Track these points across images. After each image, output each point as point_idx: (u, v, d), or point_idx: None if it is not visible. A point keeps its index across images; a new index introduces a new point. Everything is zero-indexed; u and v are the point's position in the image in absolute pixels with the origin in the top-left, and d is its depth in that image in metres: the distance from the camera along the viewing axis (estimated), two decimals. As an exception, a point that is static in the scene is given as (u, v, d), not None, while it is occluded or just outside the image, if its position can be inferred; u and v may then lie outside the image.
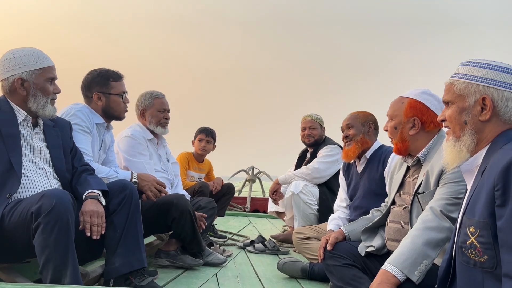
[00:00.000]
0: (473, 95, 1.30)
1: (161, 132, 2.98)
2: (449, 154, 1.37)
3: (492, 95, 1.27)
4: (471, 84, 1.31)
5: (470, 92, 1.31)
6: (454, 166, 1.38)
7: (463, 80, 1.33)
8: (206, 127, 4.15)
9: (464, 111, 1.32)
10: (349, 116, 2.81)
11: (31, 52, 1.90)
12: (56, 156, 1.95)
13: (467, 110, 1.32)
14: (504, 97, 1.26)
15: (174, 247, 2.71)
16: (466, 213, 1.25)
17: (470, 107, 1.31)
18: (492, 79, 1.28)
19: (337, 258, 1.98)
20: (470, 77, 1.31)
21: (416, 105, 1.83)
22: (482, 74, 1.30)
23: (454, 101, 1.35)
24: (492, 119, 1.28)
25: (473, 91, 1.30)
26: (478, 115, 1.30)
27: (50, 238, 1.54)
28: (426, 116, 1.81)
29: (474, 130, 1.31)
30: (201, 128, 4.13)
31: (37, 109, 1.89)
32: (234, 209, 5.76)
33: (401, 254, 1.53)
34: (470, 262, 1.20)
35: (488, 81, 1.28)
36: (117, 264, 1.93)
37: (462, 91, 1.32)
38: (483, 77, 1.29)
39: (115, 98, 2.46)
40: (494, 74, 1.28)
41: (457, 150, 1.34)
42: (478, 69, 1.31)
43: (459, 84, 1.33)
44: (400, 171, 1.95)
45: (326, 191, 3.54)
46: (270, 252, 3.29)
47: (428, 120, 1.80)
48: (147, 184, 2.43)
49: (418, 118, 1.82)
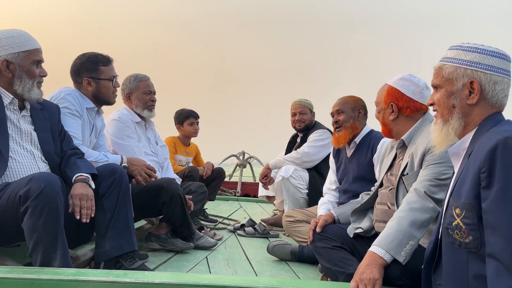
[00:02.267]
0: (461, 79, 1.31)
1: (148, 116, 2.96)
2: (437, 137, 1.39)
3: (480, 78, 1.28)
4: (459, 68, 1.31)
5: (458, 76, 1.32)
6: (442, 149, 1.39)
7: (451, 64, 1.34)
8: (188, 109, 4.18)
9: (452, 95, 1.33)
10: (339, 101, 2.81)
11: (16, 34, 1.86)
12: (44, 139, 1.93)
13: (455, 93, 1.33)
14: (491, 81, 1.27)
15: (164, 231, 2.72)
16: (452, 195, 1.28)
17: (458, 90, 1.32)
18: (480, 62, 1.29)
19: (326, 240, 2.01)
20: (459, 61, 1.32)
21: (392, 92, 1.89)
22: (470, 58, 1.30)
23: (443, 85, 1.36)
24: (479, 103, 1.30)
25: (461, 75, 1.31)
26: (466, 99, 1.31)
27: (38, 222, 1.53)
28: (402, 102, 1.86)
29: (462, 114, 1.32)
30: (187, 112, 4.14)
31: (23, 92, 1.86)
32: (225, 193, 5.78)
33: (387, 235, 1.56)
34: (455, 243, 1.23)
35: (476, 65, 1.29)
36: (107, 247, 1.94)
37: (450, 75, 1.33)
38: (471, 61, 1.30)
39: (105, 83, 2.43)
40: (482, 58, 1.29)
41: (445, 133, 1.36)
42: (466, 53, 1.31)
43: (448, 68, 1.34)
44: (391, 154, 1.98)
45: (315, 175, 3.56)
46: (260, 236, 3.32)
47: (405, 106, 1.86)
48: (137, 169, 2.43)
49: (394, 103, 1.88)
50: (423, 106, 1.84)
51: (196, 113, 4.17)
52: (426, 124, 1.82)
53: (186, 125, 4.10)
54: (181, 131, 4.16)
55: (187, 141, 4.22)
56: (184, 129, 4.13)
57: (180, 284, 1.43)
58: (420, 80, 1.88)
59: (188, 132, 4.14)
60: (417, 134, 1.82)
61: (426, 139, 1.72)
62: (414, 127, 1.84)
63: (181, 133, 4.18)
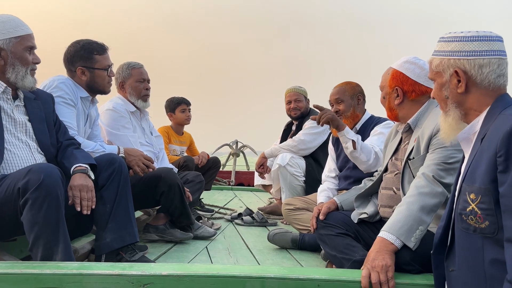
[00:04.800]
0: (447, 70, 1.32)
1: (142, 106, 2.89)
2: (444, 129, 1.40)
3: (464, 66, 1.29)
4: (443, 59, 1.33)
5: (444, 68, 1.33)
6: (452, 138, 1.39)
7: (437, 56, 1.36)
8: (179, 97, 4.13)
9: (443, 87, 1.35)
10: (336, 90, 2.77)
11: (7, 19, 1.78)
12: (39, 130, 1.86)
13: (445, 85, 1.34)
14: (476, 66, 1.27)
15: (162, 222, 2.67)
16: (465, 180, 1.26)
17: (448, 82, 1.33)
18: (461, 50, 1.29)
19: (330, 227, 1.99)
20: (443, 53, 1.34)
21: (397, 75, 1.86)
22: (451, 47, 1.31)
23: (434, 78, 1.39)
24: (471, 89, 1.30)
25: (447, 66, 1.32)
26: (456, 88, 1.32)
27: (39, 214, 1.48)
28: (407, 86, 1.83)
29: (456, 104, 1.33)
30: (178, 99, 4.09)
31: (16, 80, 1.79)
32: (219, 183, 5.75)
33: (397, 221, 1.54)
34: (470, 229, 1.21)
35: (457, 53, 1.30)
36: (108, 239, 1.89)
37: (437, 68, 1.35)
38: (452, 51, 1.31)
39: (99, 72, 2.35)
40: (462, 45, 1.29)
41: (449, 124, 1.37)
42: (448, 43, 1.33)
43: (435, 61, 1.36)
44: (395, 139, 1.96)
45: (312, 162, 3.55)
46: (258, 224, 3.30)
47: (410, 89, 1.83)
48: (134, 159, 2.37)
49: (399, 87, 1.85)
50: (428, 90, 1.82)
51: (187, 99, 4.12)
52: (432, 107, 1.80)
53: (178, 112, 4.05)
54: (173, 119, 4.11)
55: (180, 130, 4.18)
56: (176, 117, 4.08)
57: (187, 275, 1.40)
58: (426, 63, 1.85)
59: (180, 120, 4.08)
60: (423, 118, 1.80)
61: (432, 123, 1.70)
62: (420, 110, 1.82)
63: (173, 121, 4.13)
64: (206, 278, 1.40)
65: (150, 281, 1.38)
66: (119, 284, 1.37)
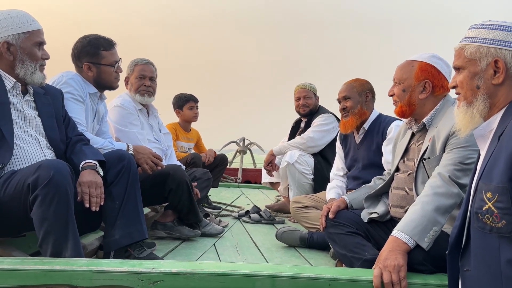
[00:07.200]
0: (485, 58, 1.26)
1: (140, 100, 2.85)
2: (461, 120, 1.33)
3: (505, 56, 1.23)
4: (482, 47, 1.26)
5: (481, 56, 1.26)
6: (467, 132, 1.34)
7: (473, 43, 1.28)
8: (187, 94, 4.14)
9: (476, 76, 1.28)
10: (344, 87, 2.74)
11: (17, 15, 1.77)
12: (48, 125, 1.85)
13: (479, 74, 1.28)
14: None
15: (170, 219, 2.67)
16: (482, 179, 1.22)
17: (482, 71, 1.27)
18: (504, 40, 1.23)
19: (339, 226, 1.96)
20: (481, 40, 1.27)
21: (428, 68, 1.78)
22: (493, 36, 1.25)
23: (465, 66, 1.31)
24: (505, 82, 1.24)
25: (485, 54, 1.26)
26: (491, 79, 1.26)
27: (49, 210, 1.47)
28: (438, 80, 1.77)
29: (487, 95, 1.27)
30: (186, 96, 4.10)
31: (25, 75, 1.78)
32: (226, 180, 5.73)
33: (411, 221, 1.52)
34: (486, 228, 1.18)
35: (500, 43, 1.24)
36: (117, 236, 1.88)
37: (473, 55, 1.28)
38: (494, 39, 1.24)
39: (106, 68, 2.34)
40: (506, 35, 1.23)
41: (470, 116, 1.30)
42: (489, 31, 1.26)
43: (470, 48, 1.29)
44: (405, 138, 1.92)
45: (321, 160, 3.52)
46: (266, 222, 3.28)
47: (439, 84, 1.77)
48: (143, 157, 2.36)
49: (430, 81, 1.77)
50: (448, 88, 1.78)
51: (195, 97, 4.13)
52: (448, 106, 1.76)
53: (185, 109, 4.06)
54: (181, 115, 4.11)
55: (188, 126, 4.19)
56: (184, 114, 4.08)
57: (197, 273, 1.39)
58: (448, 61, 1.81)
59: (188, 117, 4.09)
60: (438, 117, 1.76)
61: (450, 122, 1.65)
62: (435, 109, 1.77)
63: (181, 118, 4.13)
64: (215, 276, 1.38)
65: (160, 279, 1.37)
66: (128, 281, 1.36)
